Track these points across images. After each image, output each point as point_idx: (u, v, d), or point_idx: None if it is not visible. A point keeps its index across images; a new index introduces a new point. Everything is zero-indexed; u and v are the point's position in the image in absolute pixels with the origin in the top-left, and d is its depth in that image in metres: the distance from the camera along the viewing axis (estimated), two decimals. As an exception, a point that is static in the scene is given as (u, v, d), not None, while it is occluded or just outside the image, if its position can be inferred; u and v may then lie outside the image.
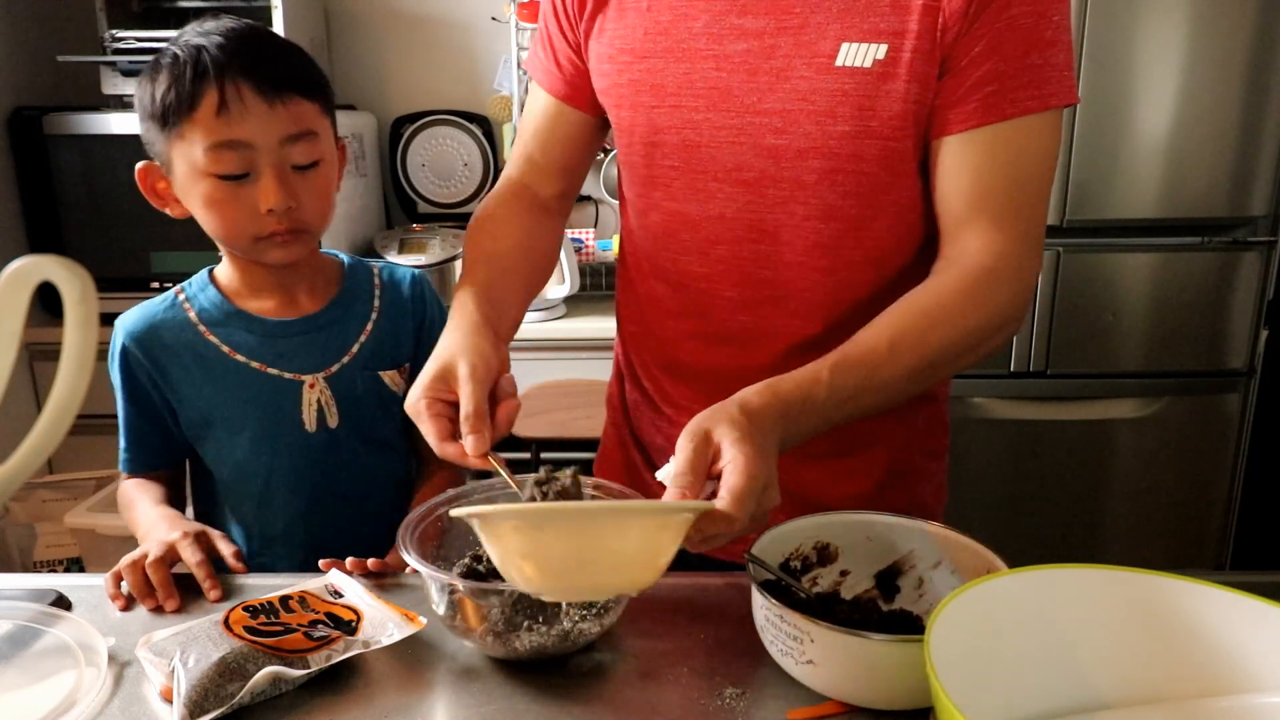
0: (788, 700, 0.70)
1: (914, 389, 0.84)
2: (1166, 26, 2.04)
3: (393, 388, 1.11)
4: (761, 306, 0.92)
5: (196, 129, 0.94)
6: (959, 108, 0.82)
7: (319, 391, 1.07)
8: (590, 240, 2.49)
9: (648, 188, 0.96)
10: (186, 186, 0.98)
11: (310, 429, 1.07)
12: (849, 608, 0.79)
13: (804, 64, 0.84)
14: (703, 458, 0.68)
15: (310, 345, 1.08)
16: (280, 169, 0.97)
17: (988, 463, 2.29)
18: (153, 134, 0.98)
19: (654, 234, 0.97)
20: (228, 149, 0.94)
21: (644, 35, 0.90)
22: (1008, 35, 0.80)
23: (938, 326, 0.81)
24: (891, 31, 0.81)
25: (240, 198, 0.96)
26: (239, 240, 1.00)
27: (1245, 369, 2.24)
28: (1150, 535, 2.34)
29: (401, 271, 1.18)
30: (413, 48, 2.64)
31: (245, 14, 2.26)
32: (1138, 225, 2.17)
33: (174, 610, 0.85)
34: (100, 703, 0.71)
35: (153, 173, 1.01)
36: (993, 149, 0.83)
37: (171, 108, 0.94)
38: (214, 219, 0.98)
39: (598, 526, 0.63)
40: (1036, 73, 0.81)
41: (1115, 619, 0.62)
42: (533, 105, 1.04)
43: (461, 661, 0.76)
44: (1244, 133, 2.09)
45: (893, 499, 0.92)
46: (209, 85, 0.93)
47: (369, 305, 1.13)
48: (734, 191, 0.90)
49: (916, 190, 0.88)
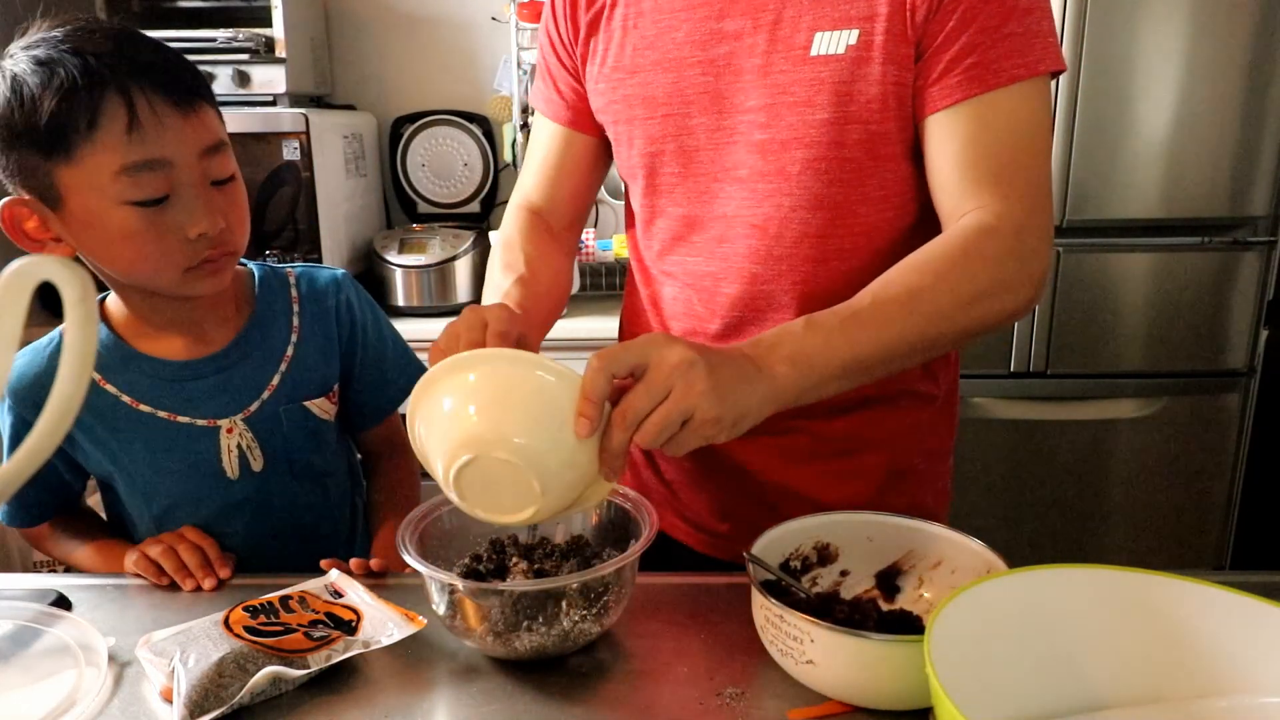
0: (788, 700, 0.70)
1: (910, 353, 0.78)
2: (1166, 26, 2.04)
3: (321, 415, 1.02)
4: (757, 300, 0.93)
5: (101, 151, 0.80)
6: (940, 83, 0.82)
7: (238, 435, 0.96)
8: (590, 240, 2.49)
9: (653, 196, 0.97)
10: (88, 219, 0.83)
11: (233, 476, 0.97)
12: (849, 608, 0.79)
13: (781, 58, 0.85)
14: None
15: (223, 386, 0.96)
16: (202, 185, 0.86)
17: (988, 463, 2.29)
18: (25, 162, 0.82)
19: (664, 239, 0.98)
20: (145, 170, 0.81)
21: (633, 51, 0.92)
22: (981, 7, 0.80)
23: (929, 283, 0.77)
24: (861, 16, 0.82)
25: (162, 225, 0.84)
26: (164, 275, 0.87)
27: (1245, 369, 2.24)
28: (1150, 535, 2.34)
29: (322, 276, 1.06)
30: (413, 48, 2.64)
31: (246, 14, 2.28)
32: (1138, 225, 2.17)
33: (212, 588, 0.88)
34: (100, 703, 0.71)
35: (19, 212, 0.85)
36: (982, 119, 0.81)
37: (63, 129, 0.79)
38: (132, 255, 0.85)
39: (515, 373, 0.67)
40: (1018, 40, 0.81)
41: (1115, 619, 0.62)
42: (539, 137, 1.06)
43: (461, 661, 0.76)
44: (1244, 133, 2.09)
45: (894, 501, 0.92)
46: (112, 98, 0.79)
47: (286, 327, 1.00)
48: (732, 190, 0.91)
49: (901, 173, 0.88)
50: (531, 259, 0.97)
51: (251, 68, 2.22)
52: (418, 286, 2.32)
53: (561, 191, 1.05)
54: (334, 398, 1.04)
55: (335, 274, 1.07)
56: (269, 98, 2.24)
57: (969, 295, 0.78)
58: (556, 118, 1.03)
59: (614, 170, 1.04)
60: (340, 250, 2.31)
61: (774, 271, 0.91)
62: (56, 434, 0.54)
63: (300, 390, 1.00)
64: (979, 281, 0.78)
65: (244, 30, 2.22)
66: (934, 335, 0.78)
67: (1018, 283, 0.80)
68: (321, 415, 1.03)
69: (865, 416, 0.96)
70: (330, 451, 1.06)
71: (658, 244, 0.99)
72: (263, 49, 2.23)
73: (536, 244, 1.00)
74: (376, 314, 1.10)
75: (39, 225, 0.85)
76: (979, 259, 0.78)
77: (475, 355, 0.68)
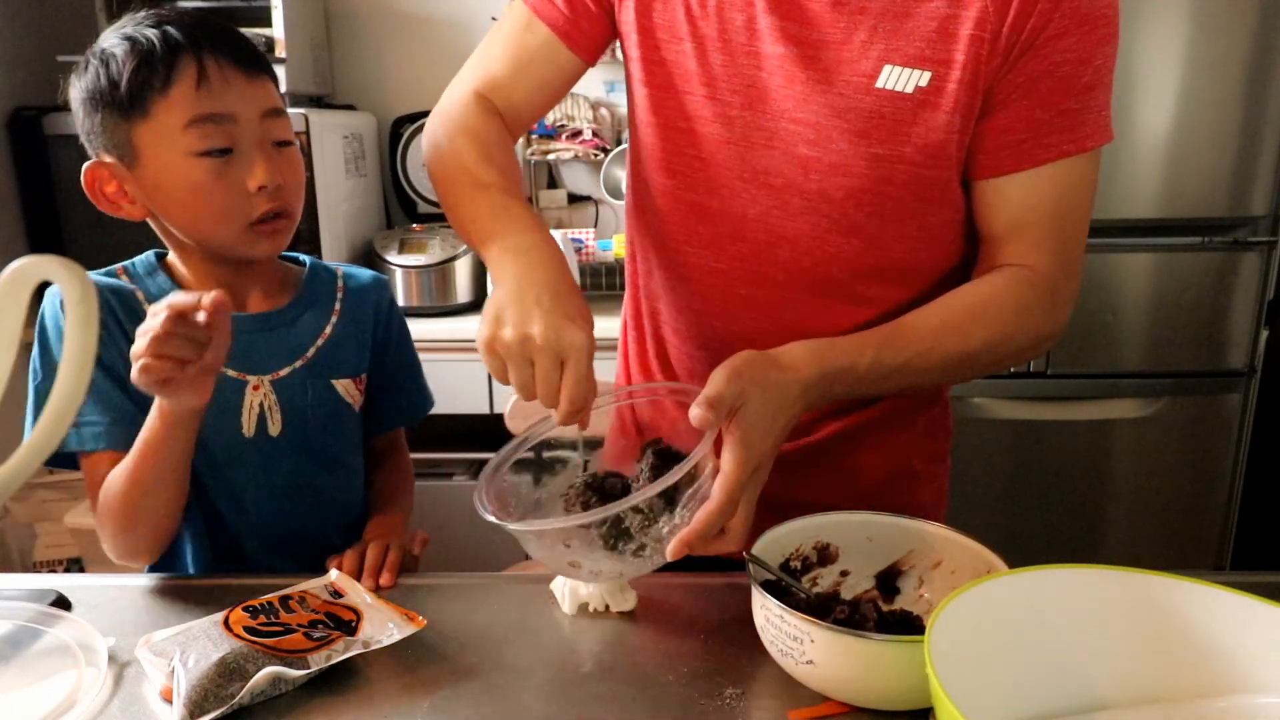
0: (788, 700, 0.70)
1: (942, 380, 0.87)
2: (1166, 26, 2.04)
3: (347, 398, 1.04)
4: (772, 309, 0.92)
5: (173, 106, 0.88)
6: (993, 154, 0.83)
7: (263, 394, 0.99)
8: (590, 240, 2.49)
9: (661, 174, 0.92)
10: (159, 176, 0.91)
11: (248, 434, 0.98)
12: (849, 608, 0.79)
13: (844, 80, 0.82)
14: (722, 415, 0.72)
15: (260, 345, 0.99)
16: (264, 144, 0.93)
17: (988, 463, 2.29)
18: (108, 124, 0.90)
19: (663, 220, 0.94)
20: (211, 123, 0.89)
21: (685, 16, 0.87)
22: (1046, 82, 0.80)
23: (981, 325, 0.83)
24: (936, 59, 0.80)
25: (227, 177, 0.91)
26: (228, 227, 0.93)
27: (1245, 369, 2.24)
28: (1150, 535, 2.34)
29: (365, 278, 1.11)
30: (413, 48, 2.64)
31: (245, 14, 2.28)
32: (1138, 225, 2.16)
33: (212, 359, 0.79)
34: (100, 703, 0.71)
35: (100, 174, 0.93)
36: (1031, 186, 0.84)
37: (141, 88, 0.88)
38: (200, 205, 0.91)
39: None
40: (1072, 117, 0.81)
41: (1115, 619, 0.62)
42: (514, 28, 0.94)
43: (461, 661, 0.76)
44: (1244, 133, 2.09)
45: (892, 504, 0.92)
46: (185, 59, 0.89)
47: (329, 310, 1.05)
48: (759, 194, 0.88)
49: (943, 218, 0.88)
50: (509, 171, 0.89)
51: (251, 68, 2.22)
52: (418, 286, 2.32)
53: (523, 99, 0.95)
54: (360, 385, 1.06)
55: (380, 276, 1.13)
56: (269, 98, 2.25)
57: (1012, 345, 0.85)
58: (552, 23, 0.92)
59: (613, 170, 1.02)
60: (340, 250, 2.31)
61: (797, 283, 0.90)
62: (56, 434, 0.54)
63: (331, 368, 1.03)
64: (1023, 333, 0.85)
65: (244, 30, 2.22)
66: (966, 373, 0.86)
67: (1047, 339, 0.87)
68: (346, 398, 1.04)
69: (865, 419, 0.96)
70: (348, 441, 1.07)
71: (657, 225, 0.95)
72: (263, 49, 2.23)
73: (508, 154, 0.92)
74: (406, 329, 1.14)
75: (117, 189, 0.93)
76: (1026, 314, 0.84)
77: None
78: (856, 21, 0.81)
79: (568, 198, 2.67)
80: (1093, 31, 0.80)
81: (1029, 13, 0.78)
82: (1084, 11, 0.79)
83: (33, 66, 2.35)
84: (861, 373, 0.80)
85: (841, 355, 0.80)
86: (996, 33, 0.78)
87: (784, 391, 0.76)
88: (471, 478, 2.31)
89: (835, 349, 0.80)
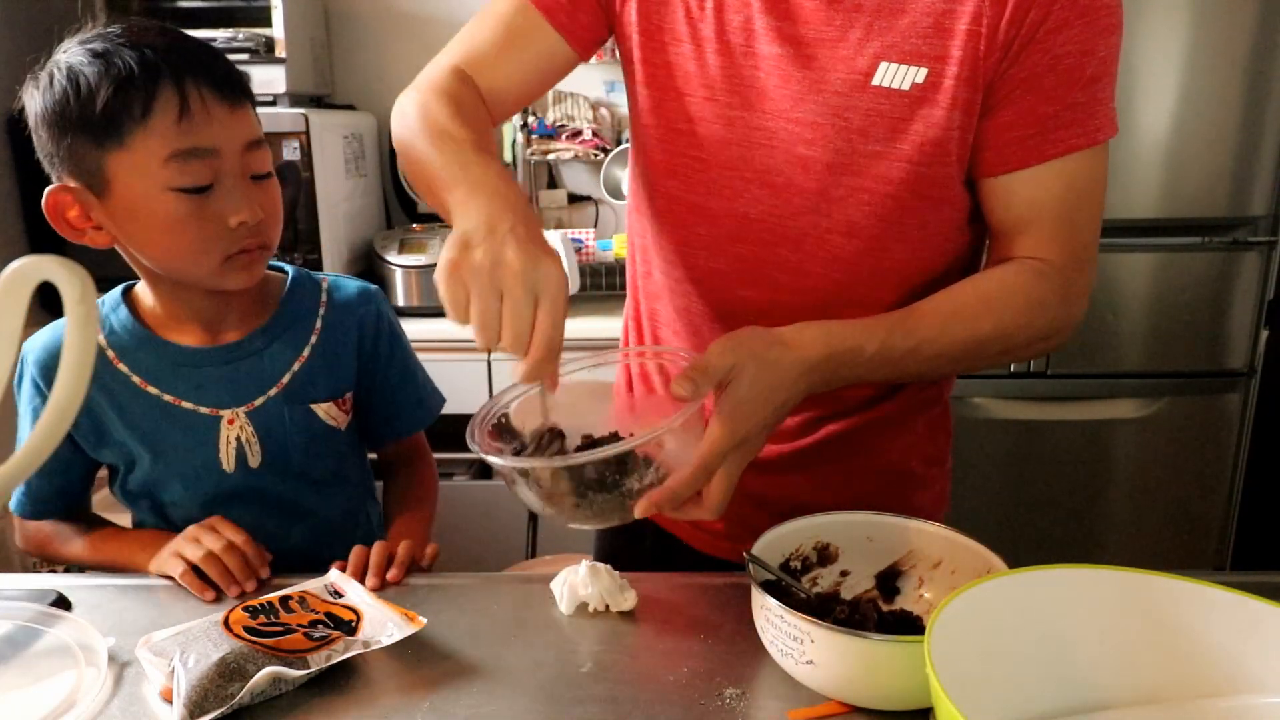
0: (788, 700, 0.70)
1: (951, 368, 0.87)
2: (1166, 26, 2.04)
3: (328, 421, 1.02)
4: (775, 310, 0.91)
5: (152, 137, 0.84)
6: (999, 151, 0.82)
7: (239, 428, 0.96)
8: (590, 240, 2.49)
9: (662, 175, 0.92)
10: (133, 208, 0.86)
11: (228, 469, 0.97)
12: (849, 608, 0.79)
13: (839, 78, 0.82)
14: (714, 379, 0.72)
15: (232, 376, 0.97)
16: (243, 178, 0.89)
17: (988, 463, 2.29)
18: (77, 149, 0.86)
19: (664, 221, 0.94)
20: (194, 158, 0.85)
21: (685, 17, 0.87)
22: (1049, 76, 0.79)
23: (992, 312, 0.83)
24: (933, 56, 0.79)
25: (205, 211, 0.87)
26: (202, 264, 0.90)
27: (1245, 369, 2.24)
28: (1150, 535, 2.34)
29: (354, 286, 1.07)
30: (413, 48, 2.64)
31: (245, 14, 2.28)
32: (1138, 225, 2.16)
33: (254, 589, 0.86)
34: (100, 703, 0.71)
35: (63, 200, 0.88)
36: (1040, 182, 0.83)
37: (117, 116, 0.83)
38: (175, 240, 0.88)
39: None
40: (1080, 110, 0.81)
41: (1115, 619, 0.62)
42: (506, 9, 0.91)
43: (461, 661, 0.76)
44: (1244, 133, 2.09)
45: (892, 505, 0.92)
46: (166, 87, 0.84)
47: (308, 330, 1.01)
48: (761, 194, 0.87)
49: (945, 218, 0.87)
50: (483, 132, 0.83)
51: (251, 68, 2.22)
52: (417, 286, 2.32)
53: (509, 87, 0.91)
54: (345, 405, 1.03)
55: (369, 287, 1.08)
56: (269, 98, 2.24)
57: (1023, 335, 0.84)
58: (549, 11, 0.89)
59: (613, 170, 1.02)
60: (340, 250, 2.31)
61: (800, 285, 0.89)
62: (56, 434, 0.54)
63: (309, 393, 1.00)
64: (1033, 324, 0.84)
65: (244, 30, 2.22)
66: (975, 361, 0.85)
67: (1059, 332, 0.86)
68: (329, 421, 1.02)
69: (864, 420, 0.96)
70: (339, 459, 1.05)
71: (658, 228, 0.95)
72: (262, 49, 2.24)
73: (483, 119, 0.87)
74: (400, 340, 1.10)
75: (80, 214, 0.88)
76: (1038, 306, 0.84)
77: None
78: (851, 19, 0.81)
79: (568, 198, 2.67)
80: (1094, 22, 0.79)
81: (1027, 6, 0.77)
82: (1084, 2, 0.78)
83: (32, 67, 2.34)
84: (869, 356, 0.79)
85: (850, 337, 0.79)
86: (994, 27, 0.78)
87: (783, 370, 0.75)
88: (472, 478, 2.31)
89: (844, 331, 0.79)
